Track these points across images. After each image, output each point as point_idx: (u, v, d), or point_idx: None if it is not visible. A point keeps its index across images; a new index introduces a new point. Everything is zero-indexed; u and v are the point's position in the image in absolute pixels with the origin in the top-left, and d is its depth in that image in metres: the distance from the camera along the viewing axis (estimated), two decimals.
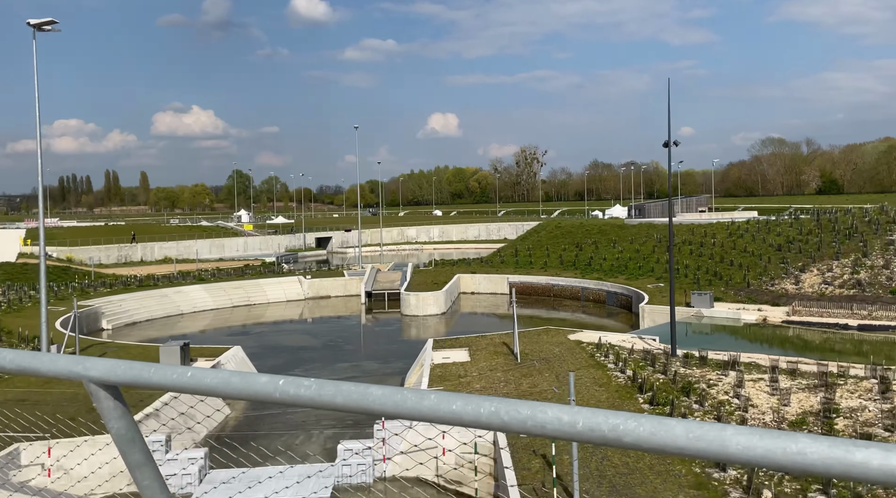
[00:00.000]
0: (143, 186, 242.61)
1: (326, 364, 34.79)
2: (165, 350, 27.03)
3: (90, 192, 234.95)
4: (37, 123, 26.96)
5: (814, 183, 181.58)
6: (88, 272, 68.77)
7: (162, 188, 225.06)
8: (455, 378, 24.91)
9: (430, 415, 1.27)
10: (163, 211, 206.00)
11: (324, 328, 46.37)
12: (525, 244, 66.91)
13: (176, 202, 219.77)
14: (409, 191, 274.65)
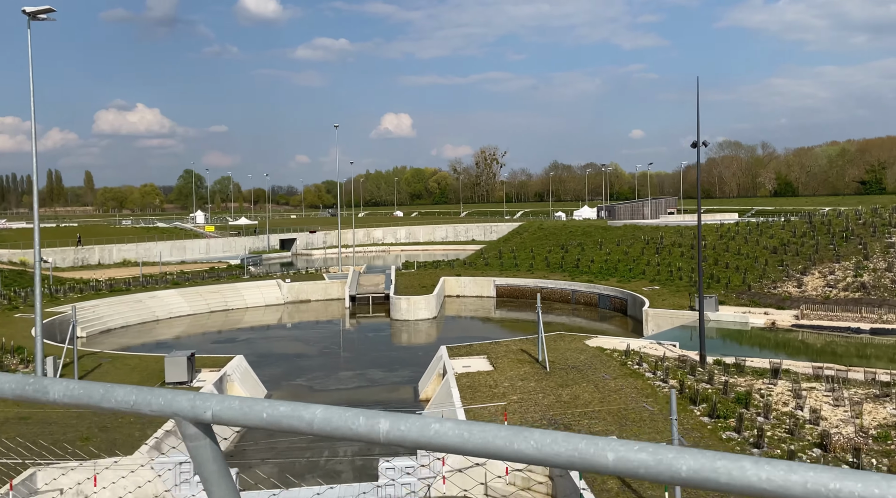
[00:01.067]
0: (87, 186, 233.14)
1: (329, 373, 32.98)
2: (171, 361, 24.89)
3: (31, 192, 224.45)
4: (32, 122, 24.49)
5: (769, 185, 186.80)
6: (46, 276, 64.83)
7: (109, 188, 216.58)
8: (486, 388, 23.57)
9: (538, 458, 1.14)
10: (111, 211, 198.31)
11: (313, 334, 44.35)
12: (508, 246, 65.97)
13: (124, 203, 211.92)
14: (366, 191, 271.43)
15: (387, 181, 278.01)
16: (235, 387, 26.74)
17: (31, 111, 24.83)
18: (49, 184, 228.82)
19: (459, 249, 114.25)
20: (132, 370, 26.60)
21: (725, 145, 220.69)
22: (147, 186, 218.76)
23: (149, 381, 25.16)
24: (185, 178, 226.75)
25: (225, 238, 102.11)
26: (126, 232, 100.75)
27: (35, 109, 24.90)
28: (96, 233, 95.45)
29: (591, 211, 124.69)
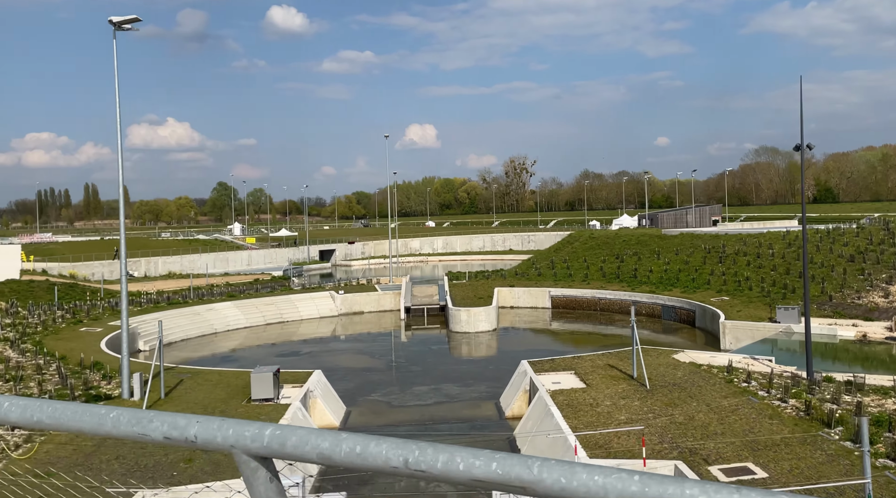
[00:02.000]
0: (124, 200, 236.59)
1: (403, 387, 32.09)
2: (258, 377, 24.17)
3: (69, 206, 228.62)
4: (118, 131, 24.14)
5: (809, 192, 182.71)
6: (97, 289, 65.19)
7: (145, 201, 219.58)
8: (587, 407, 22.44)
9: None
10: (147, 224, 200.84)
11: (375, 347, 43.59)
12: (560, 256, 64.74)
13: (160, 215, 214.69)
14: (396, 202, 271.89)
15: (416, 191, 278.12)
16: (318, 403, 25.97)
17: (118, 125, 24.45)
18: (86, 197, 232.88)
19: (497, 259, 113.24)
20: (215, 386, 25.96)
21: (761, 152, 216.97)
22: (182, 199, 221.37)
23: (235, 397, 24.48)
24: (218, 191, 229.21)
25: (266, 250, 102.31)
26: (167, 244, 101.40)
27: (120, 121, 24.50)
28: (137, 245, 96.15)
29: (632, 220, 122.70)
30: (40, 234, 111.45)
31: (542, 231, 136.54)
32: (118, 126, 24.71)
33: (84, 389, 24.62)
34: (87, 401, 23.26)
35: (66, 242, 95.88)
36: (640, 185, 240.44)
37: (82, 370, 27.46)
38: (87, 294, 60.63)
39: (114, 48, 24.48)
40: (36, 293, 57.05)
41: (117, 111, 24.73)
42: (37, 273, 68.82)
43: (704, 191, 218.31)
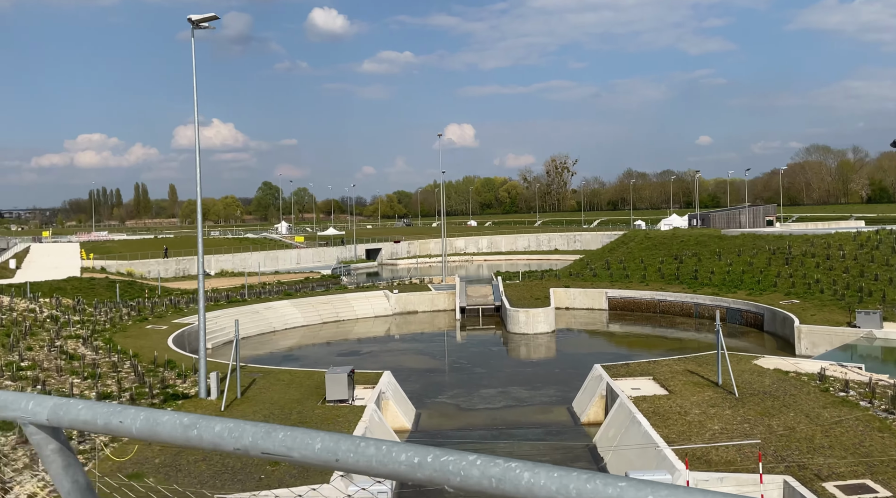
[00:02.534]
0: (171, 199, 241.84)
1: (470, 390, 31.56)
2: (332, 378, 23.91)
3: (120, 205, 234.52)
4: (195, 129, 24.18)
5: (863, 191, 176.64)
6: (153, 286, 66.37)
7: (193, 201, 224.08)
8: (676, 416, 21.56)
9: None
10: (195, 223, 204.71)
11: (434, 347, 43.25)
12: (615, 256, 63.47)
13: (207, 214, 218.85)
14: (438, 202, 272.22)
15: (457, 191, 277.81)
16: (390, 405, 25.62)
17: (196, 124, 24.48)
18: (136, 197, 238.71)
19: (542, 259, 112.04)
20: (288, 386, 25.83)
21: (812, 150, 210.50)
22: (228, 198, 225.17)
23: (309, 397, 24.27)
24: (263, 190, 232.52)
25: (314, 248, 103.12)
26: (217, 242, 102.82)
27: (197, 121, 24.52)
28: (188, 244, 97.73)
29: (681, 219, 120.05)
30: (97, 233, 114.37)
31: (587, 231, 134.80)
32: (195, 125, 24.74)
33: (161, 387, 24.71)
34: (165, 400, 23.33)
35: (121, 241, 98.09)
36: (684, 184, 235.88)
37: (156, 368, 27.64)
38: (145, 291, 61.72)
39: (192, 46, 24.54)
40: (96, 290, 58.27)
41: (195, 110, 24.75)
42: (96, 271, 70.38)
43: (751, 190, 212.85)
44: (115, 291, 60.32)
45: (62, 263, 71.03)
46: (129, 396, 23.21)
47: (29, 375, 24.97)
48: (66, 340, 32.36)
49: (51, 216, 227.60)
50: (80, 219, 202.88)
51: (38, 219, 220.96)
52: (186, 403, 23.03)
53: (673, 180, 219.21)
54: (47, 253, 78.48)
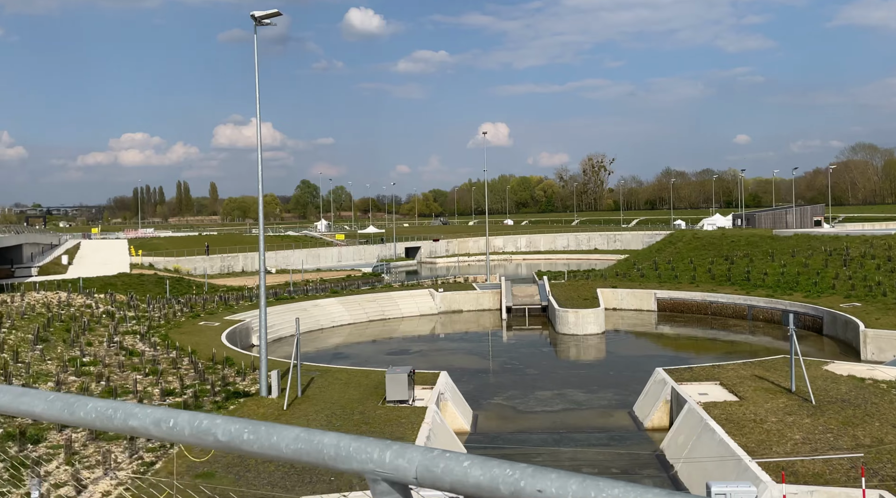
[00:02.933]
0: (212, 197, 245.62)
1: (525, 391, 31.06)
2: (393, 378, 23.67)
3: (163, 203, 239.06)
4: (257, 127, 24.12)
5: None
6: (200, 283, 67.24)
7: (234, 198, 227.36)
8: (751, 424, 20.75)
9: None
10: (236, 220, 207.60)
11: (483, 347, 42.86)
12: (663, 256, 62.21)
13: (247, 212, 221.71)
14: (473, 200, 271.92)
15: (492, 190, 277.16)
16: (449, 407, 25.28)
17: (258, 121, 24.43)
18: (178, 195, 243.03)
19: (582, 259, 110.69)
20: (346, 385, 25.67)
21: (858, 149, 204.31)
22: (267, 196, 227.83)
23: (369, 397, 24.06)
24: (301, 189, 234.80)
25: (354, 246, 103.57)
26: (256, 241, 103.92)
27: (259, 118, 24.47)
28: (231, 241, 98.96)
29: (725, 219, 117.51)
30: (143, 230, 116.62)
31: (627, 230, 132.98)
32: (258, 120, 24.68)
33: (222, 385, 24.76)
34: (227, 397, 23.34)
35: (166, 237, 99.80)
36: (724, 183, 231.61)
37: (214, 365, 27.74)
38: (192, 288, 62.57)
39: (254, 42, 24.48)
40: (145, 286, 59.21)
41: (257, 107, 24.70)
42: (144, 267, 71.59)
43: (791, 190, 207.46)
44: (164, 287, 61.24)
45: (112, 259, 72.42)
46: (192, 393, 23.28)
47: (92, 370, 25.24)
48: (124, 335, 32.77)
49: (96, 213, 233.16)
50: (126, 216, 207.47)
51: (84, 216, 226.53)
52: (248, 401, 23.00)
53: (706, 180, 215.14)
54: (97, 249, 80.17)
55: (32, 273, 59.43)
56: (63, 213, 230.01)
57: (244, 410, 21.98)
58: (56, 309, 35.29)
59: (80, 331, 31.46)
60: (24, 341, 28.23)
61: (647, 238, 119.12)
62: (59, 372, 24.75)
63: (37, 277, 58.24)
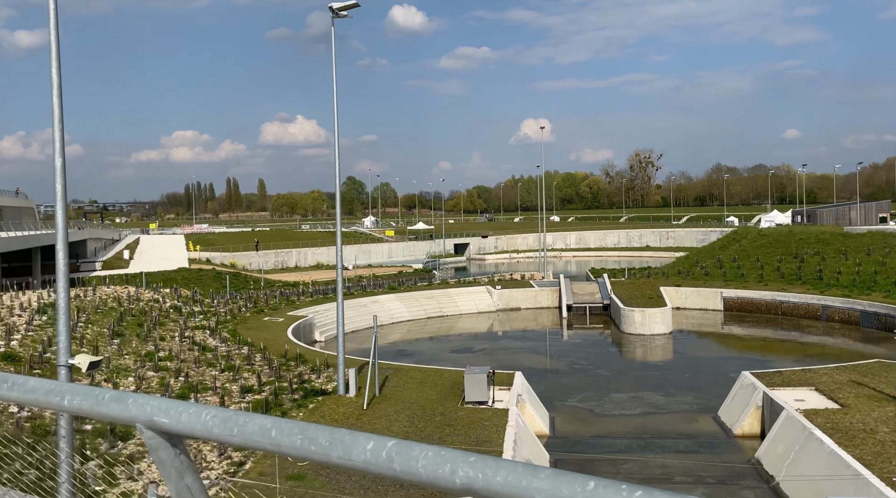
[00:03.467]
0: (260, 193, 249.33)
1: (599, 393, 30.08)
2: (472, 379, 23.02)
3: (213, 199, 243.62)
4: (335, 122, 23.72)
5: None
6: (257, 278, 67.83)
7: (282, 194, 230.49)
8: (862, 434, 19.44)
9: None
10: (284, 216, 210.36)
11: (547, 346, 41.91)
12: (727, 254, 60.21)
13: (295, 208, 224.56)
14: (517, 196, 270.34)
15: (537, 185, 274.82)
16: (528, 408, 24.50)
17: (335, 116, 24.01)
18: (227, 191, 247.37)
19: (633, 256, 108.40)
20: (421, 384, 25.13)
21: None
22: (315, 192, 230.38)
23: (448, 398, 23.45)
24: (347, 185, 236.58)
25: (404, 242, 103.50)
26: (309, 236, 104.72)
27: (337, 112, 24.04)
28: (282, 237, 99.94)
29: (783, 216, 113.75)
30: (198, 226, 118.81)
31: (680, 227, 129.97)
32: (335, 113, 24.26)
33: (298, 382, 24.48)
34: (305, 395, 23.02)
35: (221, 233, 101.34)
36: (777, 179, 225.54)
37: (287, 362, 27.53)
38: (249, 283, 63.13)
39: (332, 34, 24.08)
40: (204, 281, 59.95)
41: (334, 99, 24.28)
42: (202, 262, 72.64)
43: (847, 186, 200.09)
44: (222, 281, 61.96)
45: (170, 254, 73.71)
46: (270, 391, 23.04)
47: (169, 366, 25.25)
48: (194, 330, 32.90)
49: (149, 209, 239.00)
50: (178, 212, 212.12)
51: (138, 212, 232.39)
52: (327, 399, 22.63)
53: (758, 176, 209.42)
54: (155, 245, 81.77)
55: (96, 267, 60.78)
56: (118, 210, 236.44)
57: (324, 408, 21.61)
58: (126, 303, 35.70)
59: (151, 326, 31.68)
60: (101, 335, 28.50)
61: (700, 235, 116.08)
62: (137, 367, 24.83)
63: (100, 272, 59.52)
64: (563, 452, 22.68)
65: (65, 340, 10.12)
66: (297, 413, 21.04)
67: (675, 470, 20.97)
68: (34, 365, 22.27)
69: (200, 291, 45.79)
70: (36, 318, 28.35)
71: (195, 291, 45.06)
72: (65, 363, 9.94)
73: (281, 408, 21.45)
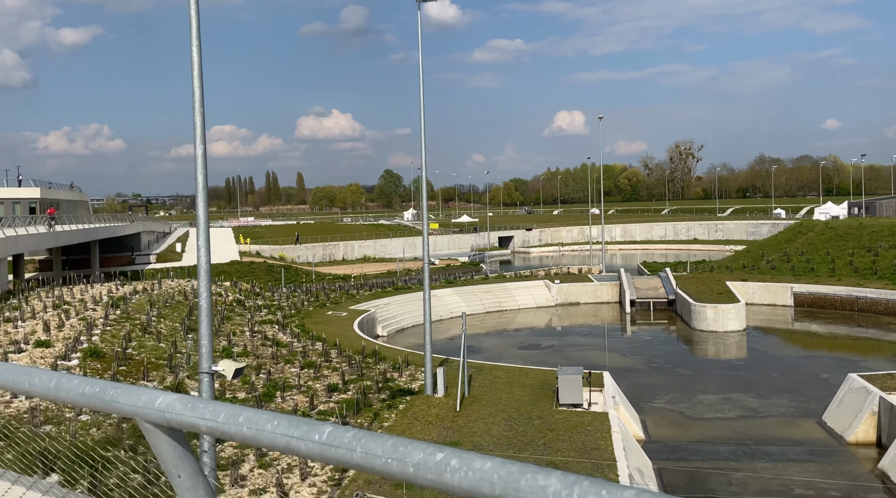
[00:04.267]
0: (299, 186, 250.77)
1: (685, 394, 28.66)
2: (567, 380, 21.85)
3: (253, 192, 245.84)
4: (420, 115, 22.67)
5: None
6: (308, 271, 67.54)
7: (321, 188, 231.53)
8: None
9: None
10: (324, 209, 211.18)
11: (615, 343, 40.47)
12: (794, 247, 57.87)
13: (333, 201, 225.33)
14: (555, 189, 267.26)
15: (575, 178, 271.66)
16: (622, 411, 23.23)
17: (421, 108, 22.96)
18: (267, 184, 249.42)
19: (681, 249, 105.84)
20: (509, 384, 24.04)
21: None
22: (352, 186, 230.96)
23: (540, 399, 22.31)
24: (385, 178, 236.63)
25: (448, 235, 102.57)
26: (355, 229, 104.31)
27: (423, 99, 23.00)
28: (326, 230, 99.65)
29: (839, 208, 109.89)
30: (243, 219, 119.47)
31: (727, 219, 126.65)
32: (421, 97, 23.20)
33: (383, 380, 23.60)
34: (393, 395, 22.11)
35: (267, 226, 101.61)
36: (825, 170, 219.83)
37: (365, 359, 26.68)
38: (301, 276, 62.77)
39: (418, 20, 23.00)
40: (256, 274, 59.72)
41: (420, 85, 23.22)
42: (252, 255, 72.60)
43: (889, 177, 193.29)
44: (275, 274, 61.75)
45: (220, 247, 73.78)
46: (357, 389, 22.17)
47: (250, 363, 24.57)
48: (262, 325, 32.32)
49: (191, 203, 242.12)
50: (220, 205, 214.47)
51: (181, 205, 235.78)
52: (415, 399, 21.69)
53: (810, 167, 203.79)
54: None
55: (151, 260, 61.01)
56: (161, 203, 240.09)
57: (415, 409, 20.66)
58: (192, 297, 35.30)
59: (220, 320, 31.16)
60: (174, 330, 28.02)
61: (751, 228, 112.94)
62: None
63: (156, 264, 59.72)
64: (664, 460, 21.39)
65: (207, 345, 9.26)
66: (388, 414, 20.14)
67: (794, 482, 19.53)
68: (120, 361, 21.77)
69: (259, 285, 45.39)
70: (111, 312, 27.98)
71: (254, 284, 44.67)
72: (208, 370, 9.08)
73: (371, 408, 20.57)
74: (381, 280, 60.81)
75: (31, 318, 25.75)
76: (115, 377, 19.83)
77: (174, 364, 22.35)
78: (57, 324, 24.74)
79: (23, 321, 25.06)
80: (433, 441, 12.59)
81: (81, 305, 28.61)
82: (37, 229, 37.81)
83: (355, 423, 19.24)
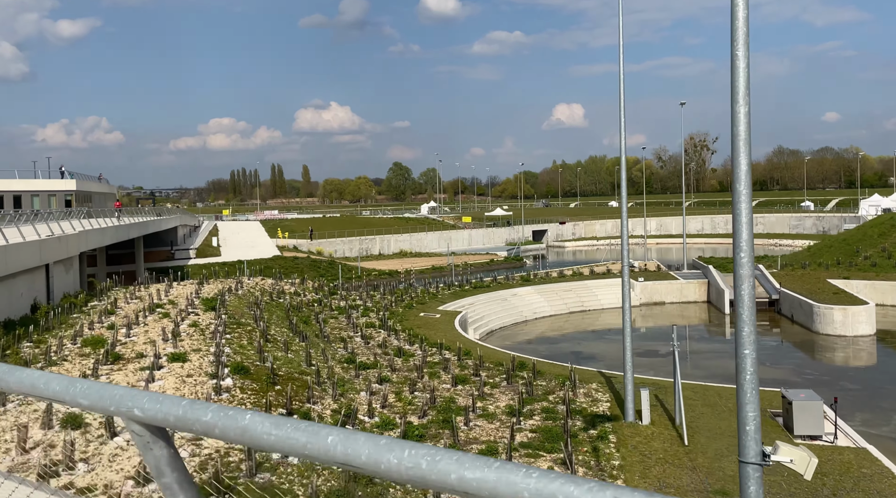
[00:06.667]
0: (304, 179, 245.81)
1: (877, 414, 24.35)
2: (802, 407, 17.54)
3: (258, 185, 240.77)
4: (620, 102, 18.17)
5: None
6: (352, 266, 63.23)
7: (330, 180, 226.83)
8: None
9: None
10: (334, 202, 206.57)
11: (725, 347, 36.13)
12: (891, 241, 53.59)
13: (343, 194, 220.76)
14: (565, 182, 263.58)
15: (586, 171, 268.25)
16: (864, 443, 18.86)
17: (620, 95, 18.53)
18: (273, 177, 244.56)
19: (717, 243, 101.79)
20: (711, 408, 19.64)
21: None
22: (361, 179, 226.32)
23: (769, 428, 17.95)
24: (394, 171, 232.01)
25: (483, 229, 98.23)
26: (385, 223, 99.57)
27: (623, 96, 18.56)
28: (344, 224, 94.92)
29: (890, 199, 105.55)
30: (268, 212, 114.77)
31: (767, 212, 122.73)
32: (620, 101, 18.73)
33: (561, 401, 19.16)
34: (592, 422, 17.69)
35: (294, 219, 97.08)
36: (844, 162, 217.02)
37: (513, 372, 22.22)
38: (346, 271, 58.30)
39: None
40: (300, 269, 55.22)
41: (620, 82, 18.75)
42: (289, 249, 68.11)
43: None
44: (319, 270, 57.47)
45: (256, 241, 69.33)
46: (542, 414, 17.74)
47: (393, 377, 20.10)
48: (365, 328, 27.88)
49: (195, 196, 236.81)
50: (227, 198, 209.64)
51: (186, 198, 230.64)
52: (621, 428, 17.25)
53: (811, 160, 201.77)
54: (235, 231, 77.56)
55: (191, 255, 56.45)
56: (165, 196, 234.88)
57: (633, 442, 16.25)
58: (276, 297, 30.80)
59: (321, 324, 26.70)
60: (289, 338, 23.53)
61: (794, 221, 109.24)
62: (350, 377, 19.75)
63: (196, 260, 55.19)
64: None
65: (755, 417, 4.91)
66: (604, 447, 15.73)
67: None
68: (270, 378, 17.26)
69: (327, 283, 40.95)
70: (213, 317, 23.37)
71: (322, 281, 40.23)
72: (756, 460, 4.81)
73: (577, 439, 16.16)
74: (433, 276, 56.55)
75: (135, 323, 21.31)
76: (290, 403, 15.34)
77: (321, 380, 17.87)
78: (171, 330, 20.26)
79: (129, 328, 20.63)
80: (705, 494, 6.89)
81: (173, 306, 24.10)
82: (107, 222, 33.47)
83: (577, 460, 14.81)
